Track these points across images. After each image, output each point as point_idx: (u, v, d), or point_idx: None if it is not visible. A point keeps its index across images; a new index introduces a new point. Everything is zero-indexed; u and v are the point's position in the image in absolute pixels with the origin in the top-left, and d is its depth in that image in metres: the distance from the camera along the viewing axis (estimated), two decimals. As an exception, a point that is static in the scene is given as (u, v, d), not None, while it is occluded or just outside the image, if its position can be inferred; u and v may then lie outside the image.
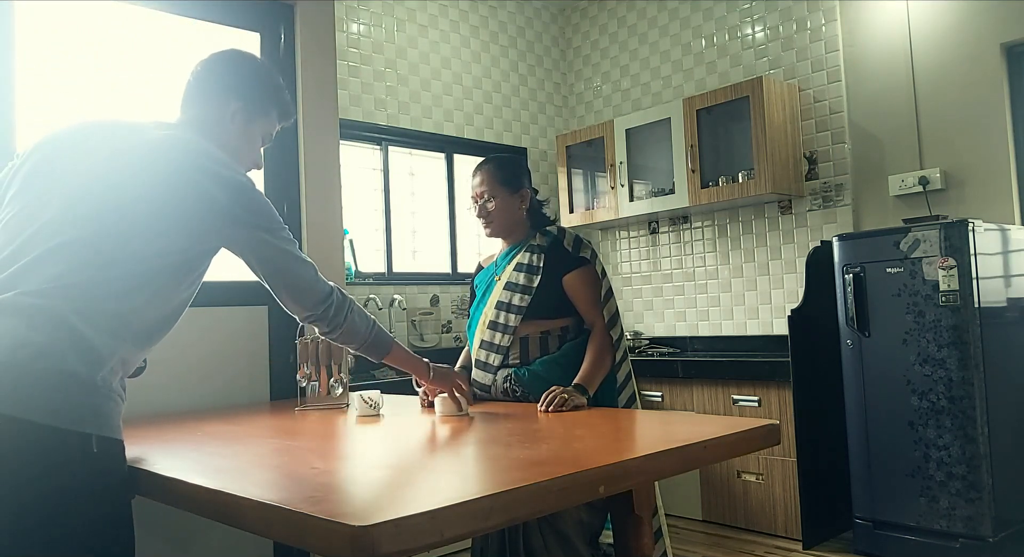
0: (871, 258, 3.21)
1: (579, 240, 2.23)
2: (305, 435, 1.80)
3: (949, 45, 3.65)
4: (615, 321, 2.15)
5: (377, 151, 4.28)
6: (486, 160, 2.32)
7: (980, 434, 2.92)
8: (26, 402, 1.24)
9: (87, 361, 1.32)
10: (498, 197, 2.23)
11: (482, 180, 2.26)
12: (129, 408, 2.29)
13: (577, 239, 2.23)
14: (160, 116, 1.74)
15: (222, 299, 2.63)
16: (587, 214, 4.72)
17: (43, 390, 1.26)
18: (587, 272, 2.17)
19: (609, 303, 2.16)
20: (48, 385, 1.27)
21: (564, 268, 2.17)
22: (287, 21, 2.86)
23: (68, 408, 1.28)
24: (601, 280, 2.19)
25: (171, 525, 2.35)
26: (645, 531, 1.54)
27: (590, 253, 2.20)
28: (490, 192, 2.24)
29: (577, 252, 2.19)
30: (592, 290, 2.17)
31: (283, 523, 1.05)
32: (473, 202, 2.29)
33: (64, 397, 1.28)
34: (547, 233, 2.25)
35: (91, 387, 1.32)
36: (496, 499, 1.06)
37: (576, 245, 2.21)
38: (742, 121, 4.01)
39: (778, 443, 1.61)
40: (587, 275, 2.17)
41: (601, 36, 5.12)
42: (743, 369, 3.68)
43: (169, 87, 2.61)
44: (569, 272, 2.16)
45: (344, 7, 4.11)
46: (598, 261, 2.21)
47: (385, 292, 4.11)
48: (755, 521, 3.67)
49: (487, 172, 2.26)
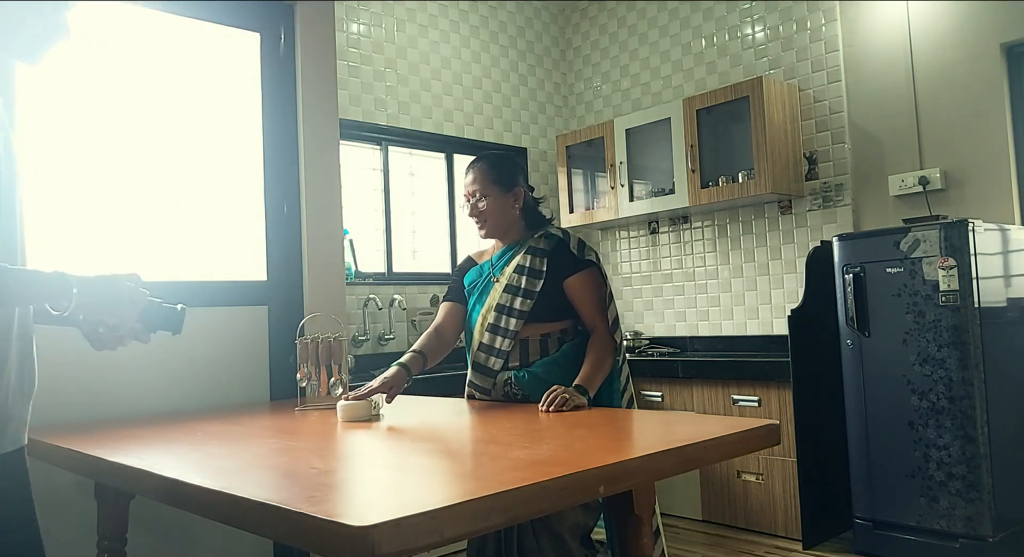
0: (871, 258, 3.20)
1: (583, 243, 2.21)
2: (305, 435, 1.80)
3: (949, 45, 3.64)
4: (618, 325, 2.14)
5: (377, 151, 4.28)
6: (478, 158, 2.28)
7: (980, 434, 2.92)
8: None
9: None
10: (490, 196, 2.20)
11: (474, 178, 2.23)
12: (129, 408, 2.31)
13: (581, 242, 2.21)
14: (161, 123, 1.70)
15: (222, 299, 2.63)
16: (587, 214, 4.72)
17: None
18: (592, 275, 2.16)
19: (611, 307, 2.15)
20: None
21: (567, 271, 2.15)
22: (287, 21, 2.86)
23: None
24: (605, 283, 2.18)
25: (171, 525, 2.35)
26: (645, 531, 1.54)
27: (595, 256, 2.19)
28: (482, 191, 2.21)
29: (583, 255, 2.17)
30: (597, 293, 2.15)
31: (283, 523, 1.05)
32: (466, 201, 2.25)
33: None
34: (550, 236, 2.21)
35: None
36: (496, 499, 1.06)
37: (581, 247, 2.19)
38: (742, 121, 4.01)
39: (778, 443, 1.61)
40: (592, 278, 2.15)
41: (601, 36, 5.12)
42: (743, 369, 3.68)
43: (169, 87, 2.62)
44: (572, 275, 2.14)
45: (344, 7, 4.11)
46: (601, 264, 2.21)
47: (385, 292, 4.11)
48: (755, 521, 3.67)
49: (479, 170, 2.23)
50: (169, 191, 2.59)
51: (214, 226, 2.68)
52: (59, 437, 1.84)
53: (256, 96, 2.78)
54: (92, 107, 2.44)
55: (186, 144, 2.64)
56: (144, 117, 2.55)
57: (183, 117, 2.64)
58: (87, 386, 2.27)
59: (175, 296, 2.50)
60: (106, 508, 1.99)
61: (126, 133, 2.51)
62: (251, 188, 2.76)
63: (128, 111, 2.52)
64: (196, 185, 2.65)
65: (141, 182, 2.53)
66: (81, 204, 2.41)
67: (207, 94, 2.70)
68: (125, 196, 2.50)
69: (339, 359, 2.33)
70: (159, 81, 2.59)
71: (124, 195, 2.50)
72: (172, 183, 2.60)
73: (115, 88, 2.50)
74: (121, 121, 2.51)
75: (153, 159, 2.56)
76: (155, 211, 2.55)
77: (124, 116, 2.51)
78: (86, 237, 2.41)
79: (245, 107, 2.77)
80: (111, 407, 2.29)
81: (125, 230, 2.49)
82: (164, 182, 2.58)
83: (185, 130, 2.64)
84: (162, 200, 2.57)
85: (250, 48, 2.80)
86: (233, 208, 2.73)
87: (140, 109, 2.54)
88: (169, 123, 2.60)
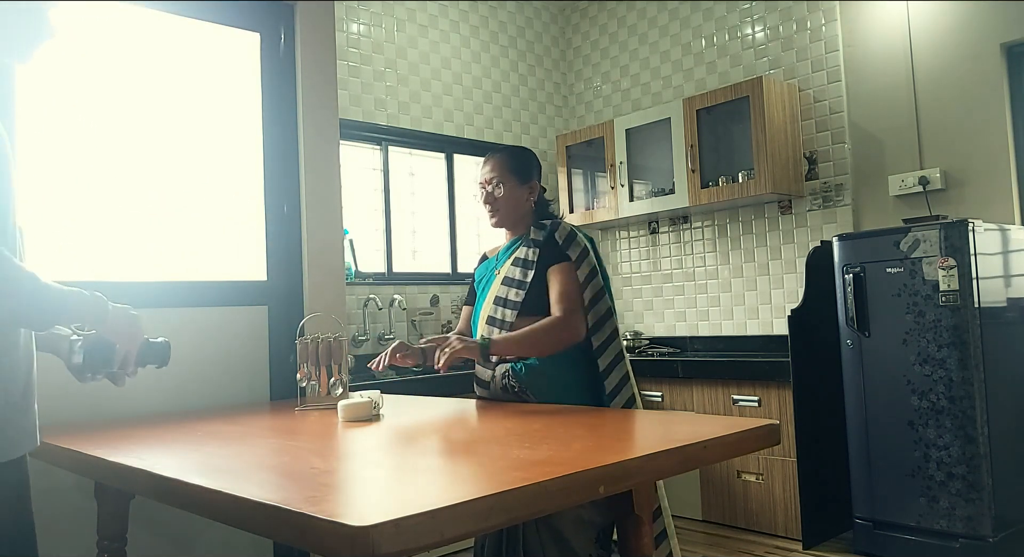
0: (871, 258, 3.20)
1: (572, 235, 2.15)
2: (305, 435, 1.79)
3: (949, 45, 3.65)
4: (600, 325, 2.09)
5: (377, 151, 4.28)
6: (497, 149, 2.30)
7: (980, 434, 2.92)
8: None
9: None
10: (507, 184, 2.21)
11: (492, 166, 2.24)
12: (130, 408, 2.31)
13: (571, 234, 2.15)
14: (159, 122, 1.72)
15: (222, 299, 2.63)
16: (587, 214, 4.72)
17: None
18: (564, 269, 2.11)
19: (597, 306, 2.10)
20: None
21: (549, 262, 2.13)
22: (287, 21, 2.87)
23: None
24: (580, 280, 2.11)
25: (171, 525, 2.35)
26: (645, 531, 1.54)
27: (579, 252, 2.13)
28: (500, 178, 2.21)
29: (566, 248, 2.13)
30: (562, 286, 2.10)
31: (283, 523, 1.05)
32: (481, 189, 2.25)
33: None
34: (543, 227, 2.20)
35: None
36: (496, 499, 1.06)
37: (568, 240, 2.14)
38: (742, 121, 4.01)
39: (778, 443, 1.61)
40: (563, 272, 2.11)
41: (601, 36, 5.12)
42: (743, 369, 3.68)
43: (169, 87, 2.62)
44: (551, 267, 2.12)
45: (344, 7, 4.11)
46: (586, 262, 2.13)
47: (385, 292, 4.11)
48: (755, 521, 3.67)
49: (498, 159, 2.25)
50: (169, 191, 2.59)
51: (214, 226, 2.68)
52: (59, 437, 1.84)
53: (256, 96, 2.79)
54: (93, 108, 2.44)
55: (186, 144, 2.64)
56: (144, 117, 2.55)
57: (183, 117, 2.64)
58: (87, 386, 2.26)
59: (175, 296, 2.52)
60: (106, 508, 1.99)
61: (126, 133, 2.51)
62: (251, 188, 2.77)
63: (128, 111, 2.52)
64: (196, 185, 2.65)
65: (141, 182, 2.53)
66: (81, 204, 2.41)
67: (207, 94, 2.70)
68: (125, 196, 2.50)
69: (339, 359, 2.33)
70: (160, 81, 2.59)
71: (124, 195, 2.50)
72: (172, 183, 2.60)
73: (116, 89, 2.50)
74: (121, 121, 2.51)
75: (153, 159, 2.56)
76: (155, 211, 2.55)
77: (124, 116, 2.51)
78: (85, 237, 2.41)
79: (245, 107, 2.77)
80: (111, 407, 2.29)
81: (125, 230, 2.49)
82: (164, 182, 2.58)
83: (185, 130, 2.64)
84: (162, 200, 2.57)
85: (250, 48, 2.80)
86: (233, 208, 2.73)
87: (140, 109, 2.54)
88: (169, 123, 2.60)
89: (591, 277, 2.13)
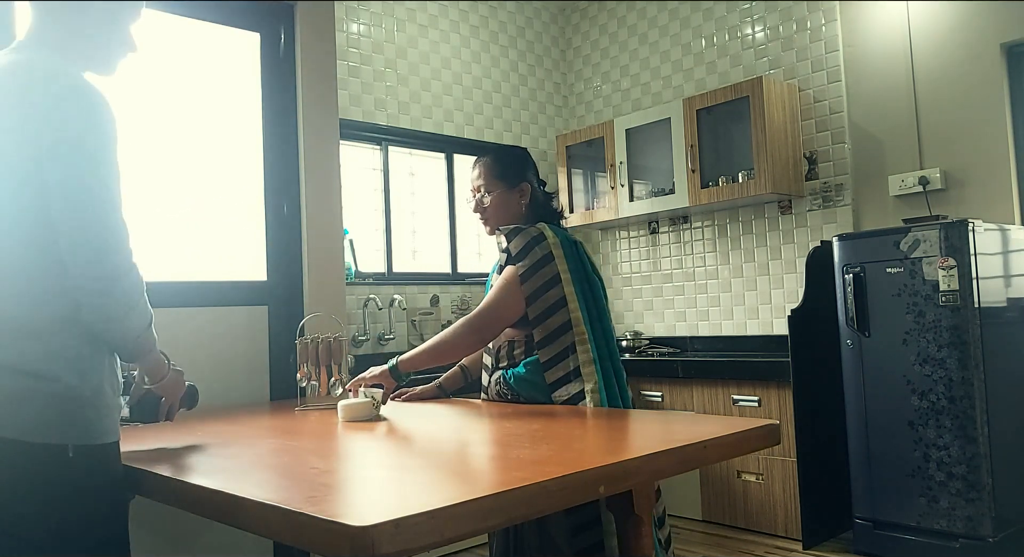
0: (871, 258, 3.21)
1: (532, 243, 2.02)
2: (305, 435, 1.80)
3: (949, 45, 3.65)
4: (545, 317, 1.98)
5: (377, 151, 4.29)
6: (486, 151, 2.24)
7: (980, 434, 2.92)
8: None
9: (76, 371, 1.36)
10: (495, 191, 2.14)
11: (479, 173, 2.17)
12: (129, 408, 2.30)
13: (532, 240, 2.02)
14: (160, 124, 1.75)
15: (222, 299, 2.63)
16: (587, 214, 4.72)
17: (13, 407, 1.32)
18: (506, 273, 2.04)
19: (556, 316, 1.98)
20: (17, 402, 1.32)
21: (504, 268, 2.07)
22: (287, 21, 2.87)
23: (36, 423, 1.32)
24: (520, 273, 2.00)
25: (171, 525, 2.35)
26: (645, 531, 1.54)
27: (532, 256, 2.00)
28: (486, 186, 2.15)
29: (514, 253, 2.03)
30: (497, 292, 2.03)
31: (283, 523, 1.05)
32: (472, 196, 2.21)
33: (36, 412, 1.32)
34: (512, 233, 2.07)
35: (66, 398, 1.34)
36: (496, 499, 1.06)
37: (523, 247, 2.02)
38: (742, 121, 4.01)
39: (778, 443, 1.61)
40: (505, 276, 2.04)
41: (601, 36, 5.12)
42: (743, 369, 3.68)
43: (169, 87, 2.62)
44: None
45: (344, 7, 4.11)
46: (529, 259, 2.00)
47: (385, 292, 4.11)
48: (755, 521, 3.67)
49: (484, 165, 2.17)
50: (169, 191, 2.59)
51: (214, 226, 2.68)
52: (59, 437, 1.83)
53: (256, 96, 2.79)
54: (92, 107, 2.44)
55: (186, 144, 2.64)
56: (144, 117, 2.55)
57: (183, 117, 2.64)
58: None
59: (175, 296, 2.51)
60: (106, 508, 1.99)
61: (125, 133, 2.51)
62: (251, 188, 2.77)
63: (128, 111, 2.52)
64: (196, 185, 2.65)
65: (141, 182, 2.53)
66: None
67: (207, 94, 2.70)
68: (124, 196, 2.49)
69: (339, 359, 2.33)
70: (160, 81, 2.59)
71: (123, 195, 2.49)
72: (172, 183, 2.60)
73: (115, 88, 2.50)
74: (121, 121, 2.50)
75: (153, 159, 2.56)
76: (155, 211, 2.55)
77: (124, 116, 2.51)
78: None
79: (245, 107, 2.77)
80: (111, 407, 2.28)
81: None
82: (164, 182, 2.58)
83: (185, 130, 2.64)
84: (162, 200, 2.57)
85: (250, 48, 2.80)
86: (233, 208, 2.73)
87: (140, 109, 2.54)
88: (169, 123, 2.60)
89: (536, 269, 2.00)
